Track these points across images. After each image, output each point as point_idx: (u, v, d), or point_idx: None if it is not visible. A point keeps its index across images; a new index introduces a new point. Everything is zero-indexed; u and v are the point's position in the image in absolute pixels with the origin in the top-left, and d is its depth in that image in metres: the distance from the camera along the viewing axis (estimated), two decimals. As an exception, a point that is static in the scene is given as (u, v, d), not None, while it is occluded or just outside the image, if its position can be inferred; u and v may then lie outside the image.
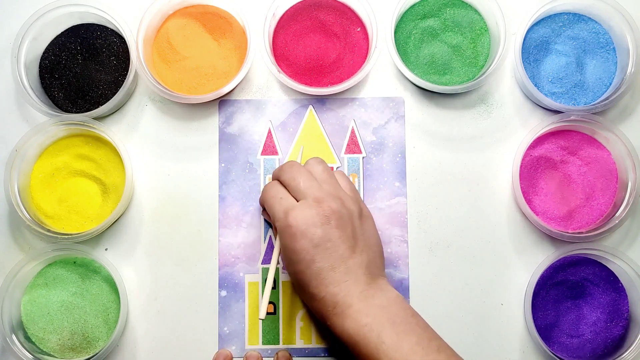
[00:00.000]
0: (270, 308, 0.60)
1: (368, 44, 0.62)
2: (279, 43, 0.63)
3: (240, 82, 0.61)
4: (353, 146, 0.62)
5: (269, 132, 0.62)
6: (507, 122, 0.62)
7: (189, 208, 0.61)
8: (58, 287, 0.60)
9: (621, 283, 0.59)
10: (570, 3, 0.61)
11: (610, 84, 0.61)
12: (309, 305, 0.52)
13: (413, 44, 0.62)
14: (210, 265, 0.61)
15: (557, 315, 0.59)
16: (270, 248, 0.61)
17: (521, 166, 0.59)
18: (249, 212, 0.61)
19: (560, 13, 0.62)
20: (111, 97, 0.60)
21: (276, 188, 0.53)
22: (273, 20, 0.62)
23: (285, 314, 0.60)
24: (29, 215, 0.59)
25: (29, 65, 0.62)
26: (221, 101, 0.63)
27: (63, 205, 0.61)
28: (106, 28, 0.63)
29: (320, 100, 0.63)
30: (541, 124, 0.59)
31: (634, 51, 0.59)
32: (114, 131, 0.61)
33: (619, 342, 0.58)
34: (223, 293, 0.60)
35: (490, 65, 0.60)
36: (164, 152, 0.62)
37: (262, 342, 0.60)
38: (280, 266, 0.60)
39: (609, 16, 0.61)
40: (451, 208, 0.61)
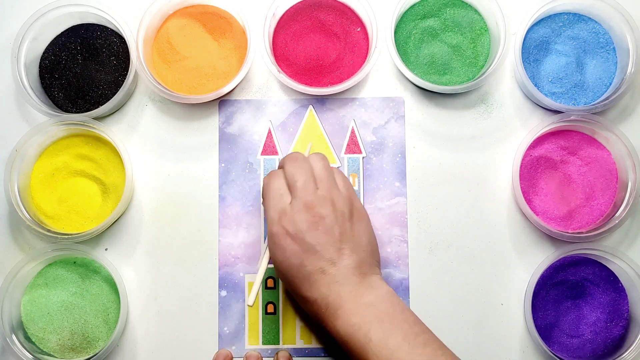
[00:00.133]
0: (270, 308, 0.60)
1: (368, 44, 0.62)
2: (279, 43, 0.63)
3: (240, 82, 0.61)
4: (353, 146, 0.62)
5: (269, 132, 0.62)
6: (507, 122, 0.62)
7: (189, 208, 0.61)
8: (58, 287, 0.60)
9: (621, 283, 0.59)
10: (570, 3, 0.61)
11: (610, 84, 0.61)
12: (303, 307, 0.53)
13: (413, 44, 0.62)
14: (210, 265, 0.61)
15: (557, 315, 0.59)
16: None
17: (521, 166, 0.59)
18: (249, 212, 0.61)
19: (560, 13, 0.62)
20: (111, 97, 0.60)
21: (279, 182, 0.54)
22: (273, 20, 0.62)
23: (285, 314, 0.60)
24: (29, 215, 0.59)
25: (29, 65, 0.62)
26: (221, 101, 0.63)
27: (63, 205, 0.61)
28: (106, 28, 0.63)
29: (320, 100, 0.63)
30: (541, 124, 0.59)
31: (634, 51, 0.59)
32: (114, 131, 0.61)
33: (619, 342, 0.58)
34: (223, 293, 0.60)
35: (490, 65, 0.60)
36: (164, 152, 0.62)
37: (262, 342, 0.60)
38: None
39: (609, 16, 0.61)
40: (451, 208, 0.61)
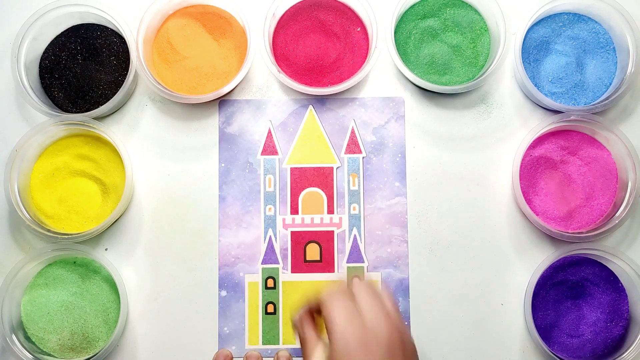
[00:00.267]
0: (270, 308, 0.60)
1: (368, 44, 0.62)
2: (279, 43, 0.63)
3: (240, 82, 0.61)
4: (353, 146, 0.62)
5: (269, 132, 0.62)
6: (507, 122, 0.62)
7: (189, 208, 0.61)
8: (58, 287, 0.60)
9: (621, 283, 0.59)
10: (570, 3, 0.61)
11: (610, 84, 0.61)
12: None
13: (413, 44, 0.62)
14: (210, 265, 0.61)
15: (557, 315, 0.59)
16: (270, 249, 0.61)
17: (521, 166, 0.59)
18: (249, 212, 0.61)
19: (560, 13, 0.62)
20: (111, 97, 0.60)
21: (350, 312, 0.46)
22: (273, 20, 0.62)
23: (285, 314, 0.60)
24: (29, 215, 0.59)
25: (29, 65, 0.62)
26: (221, 101, 0.63)
27: (63, 205, 0.61)
28: (106, 28, 0.63)
29: (320, 100, 0.63)
30: (541, 124, 0.59)
31: (634, 51, 0.59)
32: (114, 131, 0.61)
33: (619, 342, 0.58)
34: (223, 293, 0.60)
35: (490, 65, 0.60)
36: (164, 152, 0.62)
37: (262, 342, 0.60)
38: (280, 266, 0.61)
39: (609, 16, 0.61)
40: (451, 208, 0.61)
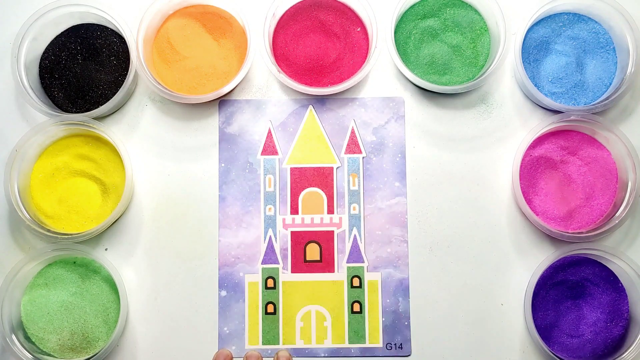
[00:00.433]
0: (270, 308, 0.60)
1: (368, 44, 0.62)
2: (279, 43, 0.63)
3: (240, 82, 0.61)
4: (353, 146, 0.62)
5: (269, 132, 0.62)
6: (507, 122, 0.62)
7: (189, 208, 0.61)
8: (58, 287, 0.60)
9: (621, 283, 0.59)
10: (570, 3, 0.61)
11: (610, 84, 0.61)
12: None
13: (413, 44, 0.62)
14: (210, 265, 0.61)
15: (557, 315, 0.59)
16: (270, 249, 0.61)
17: (521, 166, 0.59)
18: (249, 212, 0.61)
19: (560, 13, 0.62)
20: (111, 97, 0.60)
21: None
22: (273, 20, 0.62)
23: (285, 314, 0.60)
24: (29, 215, 0.59)
25: (29, 65, 0.62)
26: (221, 101, 0.63)
27: (63, 205, 0.61)
28: (106, 28, 0.63)
29: (320, 100, 0.63)
30: (541, 124, 0.59)
31: (634, 51, 0.59)
32: (114, 131, 0.61)
33: (619, 342, 0.58)
34: (223, 293, 0.60)
35: (490, 65, 0.60)
36: (164, 152, 0.62)
37: (262, 342, 0.60)
38: (280, 266, 0.61)
39: (609, 16, 0.61)
40: (451, 208, 0.61)
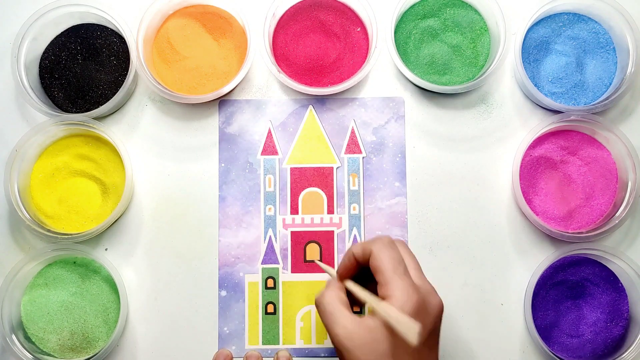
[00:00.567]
0: (270, 308, 0.60)
1: (368, 44, 0.62)
2: (279, 43, 0.63)
3: (240, 82, 0.61)
4: (353, 146, 0.62)
5: (269, 132, 0.62)
6: (507, 122, 0.62)
7: (189, 208, 0.61)
8: (58, 287, 0.60)
9: (621, 283, 0.59)
10: (570, 3, 0.61)
11: (610, 84, 0.61)
12: None
13: (413, 44, 0.62)
14: (210, 265, 0.61)
15: (557, 315, 0.59)
16: (270, 249, 0.61)
17: (521, 166, 0.59)
18: (249, 212, 0.61)
19: (560, 13, 0.62)
20: (111, 97, 0.60)
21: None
22: (273, 20, 0.62)
23: (285, 314, 0.60)
24: (29, 215, 0.59)
25: (29, 65, 0.62)
26: (221, 101, 0.63)
27: (63, 205, 0.61)
28: (106, 28, 0.63)
29: (320, 100, 0.63)
30: (541, 124, 0.59)
31: (634, 51, 0.59)
32: (114, 131, 0.61)
33: (619, 342, 0.58)
34: (223, 293, 0.60)
35: (490, 65, 0.60)
36: (164, 152, 0.62)
37: (262, 342, 0.60)
38: (280, 266, 0.61)
39: (609, 16, 0.61)
40: (451, 208, 0.61)
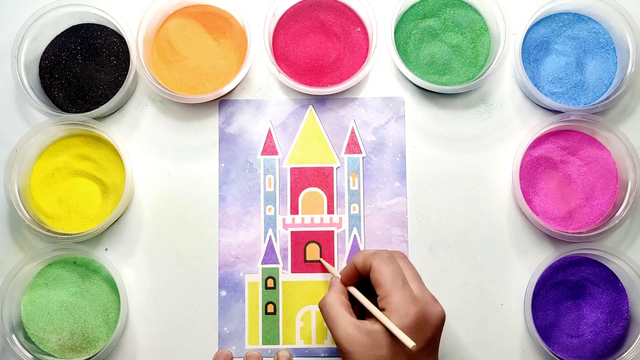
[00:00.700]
0: (270, 308, 0.60)
1: (368, 44, 0.62)
2: (279, 43, 0.63)
3: (240, 82, 0.61)
4: (353, 146, 0.62)
5: (269, 132, 0.62)
6: (507, 122, 0.62)
7: (189, 208, 0.61)
8: (58, 287, 0.60)
9: (621, 283, 0.59)
10: (570, 3, 0.61)
11: (610, 84, 0.61)
12: None
13: (413, 44, 0.62)
14: (210, 265, 0.61)
15: (557, 315, 0.59)
16: (270, 249, 0.61)
17: (521, 166, 0.59)
18: (249, 212, 0.61)
19: (560, 13, 0.62)
20: (111, 97, 0.60)
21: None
22: (273, 20, 0.62)
23: (285, 314, 0.60)
24: (29, 215, 0.59)
25: (29, 65, 0.62)
26: (221, 101, 0.63)
27: (63, 205, 0.61)
28: (106, 28, 0.63)
29: (320, 100, 0.63)
30: (541, 124, 0.59)
31: (634, 51, 0.59)
32: (114, 131, 0.61)
33: (619, 342, 0.58)
34: (223, 293, 0.60)
35: (490, 65, 0.60)
36: (164, 152, 0.62)
37: (262, 342, 0.60)
38: (280, 266, 0.61)
39: (609, 16, 0.61)
40: (451, 208, 0.61)
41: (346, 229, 0.61)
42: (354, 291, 0.52)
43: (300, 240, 0.61)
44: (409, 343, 0.46)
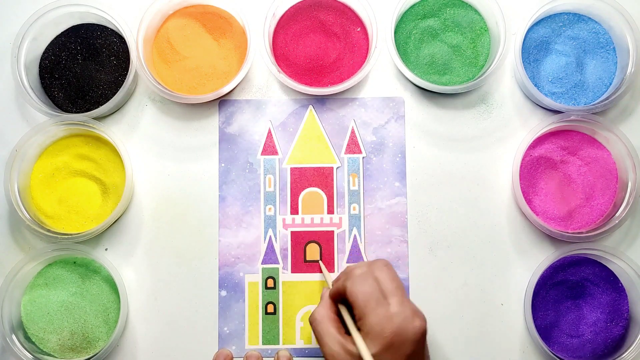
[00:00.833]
0: (270, 308, 0.60)
1: (368, 44, 0.62)
2: (279, 43, 0.63)
3: (240, 82, 0.61)
4: (353, 146, 0.62)
5: (269, 132, 0.62)
6: (507, 122, 0.62)
7: (189, 208, 0.61)
8: (58, 287, 0.60)
9: (621, 283, 0.59)
10: (570, 3, 0.61)
11: (610, 84, 0.61)
12: None
13: (413, 44, 0.62)
14: (210, 265, 0.61)
15: (557, 315, 0.59)
16: (270, 249, 0.61)
17: (521, 166, 0.59)
18: (249, 212, 0.61)
19: (560, 13, 0.62)
20: (111, 97, 0.60)
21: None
22: (273, 20, 0.62)
23: (285, 314, 0.60)
24: (29, 215, 0.59)
25: (29, 65, 0.62)
26: (221, 101, 0.63)
27: (63, 205, 0.61)
28: (106, 28, 0.63)
29: (320, 100, 0.63)
30: (541, 124, 0.59)
31: (634, 51, 0.59)
32: (114, 131, 0.61)
33: (619, 342, 0.58)
34: (223, 293, 0.60)
35: (490, 65, 0.60)
36: (164, 152, 0.62)
37: (262, 342, 0.60)
38: (280, 266, 0.61)
39: (609, 16, 0.61)
40: (451, 208, 0.61)
41: (346, 229, 0.61)
42: (341, 308, 0.52)
43: (300, 240, 0.61)
44: None
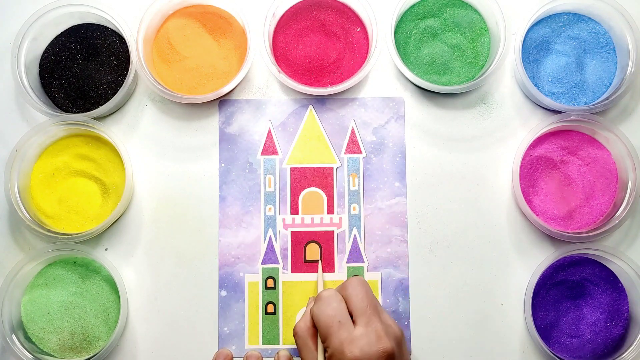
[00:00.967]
0: (270, 308, 0.60)
1: (368, 44, 0.62)
2: (279, 43, 0.63)
3: (240, 82, 0.61)
4: (353, 146, 0.62)
5: (269, 132, 0.62)
6: (507, 122, 0.62)
7: (189, 208, 0.61)
8: (58, 287, 0.60)
9: (621, 283, 0.59)
10: (570, 3, 0.61)
11: (610, 84, 0.61)
12: None
13: (413, 44, 0.62)
14: (210, 265, 0.61)
15: (557, 315, 0.59)
16: (270, 249, 0.61)
17: (521, 166, 0.59)
18: (249, 212, 0.61)
19: (560, 13, 0.62)
20: (111, 97, 0.60)
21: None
22: (273, 20, 0.62)
23: (285, 314, 0.60)
24: (29, 215, 0.59)
25: (29, 65, 0.62)
26: (221, 101, 0.63)
27: (63, 205, 0.61)
28: (106, 28, 0.63)
29: (320, 100, 0.63)
30: (541, 124, 0.59)
31: (634, 51, 0.59)
32: (114, 131, 0.61)
33: (619, 342, 0.58)
34: (223, 293, 0.60)
35: (490, 65, 0.60)
36: (164, 152, 0.62)
37: (262, 342, 0.60)
38: (280, 266, 0.61)
39: (609, 16, 0.61)
40: (451, 208, 0.61)
41: (346, 229, 0.61)
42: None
43: (300, 240, 0.61)
44: None
